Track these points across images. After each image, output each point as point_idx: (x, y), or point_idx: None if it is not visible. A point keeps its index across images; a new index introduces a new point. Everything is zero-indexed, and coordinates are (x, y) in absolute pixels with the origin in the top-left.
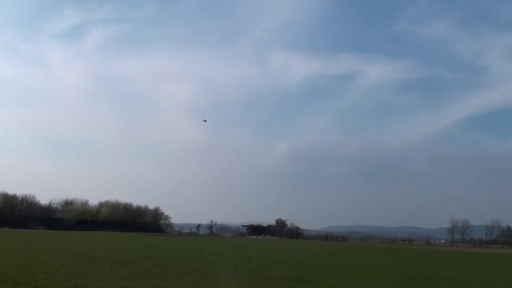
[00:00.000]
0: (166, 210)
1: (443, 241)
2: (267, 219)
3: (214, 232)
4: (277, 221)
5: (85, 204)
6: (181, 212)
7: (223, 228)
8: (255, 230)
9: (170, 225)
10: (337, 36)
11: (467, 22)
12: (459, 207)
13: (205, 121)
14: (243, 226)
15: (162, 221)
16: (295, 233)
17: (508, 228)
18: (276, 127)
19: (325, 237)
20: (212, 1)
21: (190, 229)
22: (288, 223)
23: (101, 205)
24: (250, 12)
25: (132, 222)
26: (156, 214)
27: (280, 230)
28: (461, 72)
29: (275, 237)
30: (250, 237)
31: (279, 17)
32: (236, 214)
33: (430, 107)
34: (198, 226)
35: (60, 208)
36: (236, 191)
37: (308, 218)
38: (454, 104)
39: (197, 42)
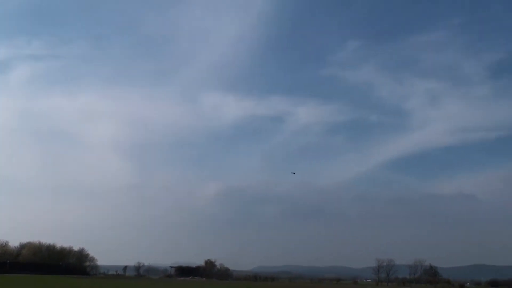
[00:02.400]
0: (91, 251)
1: (370, 280)
2: (197, 260)
3: (141, 274)
4: (206, 262)
5: (4, 245)
6: (108, 253)
7: (151, 270)
8: (184, 271)
9: (96, 267)
10: (269, 78)
11: (391, 68)
12: (385, 246)
13: (294, 173)
14: (171, 267)
15: (87, 263)
16: (224, 274)
17: (431, 267)
18: (207, 166)
19: (254, 278)
20: (145, 39)
21: (117, 271)
22: (218, 263)
23: (22, 246)
24: (182, 51)
25: (55, 265)
26: (81, 256)
27: (209, 271)
28: (386, 115)
29: (204, 279)
30: (179, 278)
31: (212, 57)
32: (164, 255)
33: (358, 149)
34: (125, 267)
35: None
36: (165, 231)
37: (238, 259)
38: (379, 146)
39: (127, 80)
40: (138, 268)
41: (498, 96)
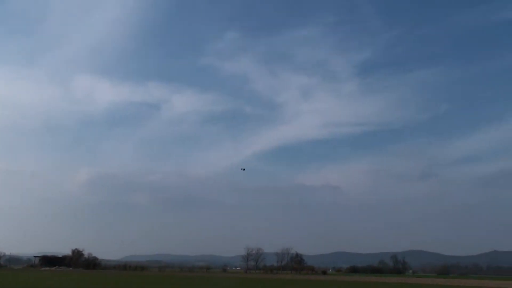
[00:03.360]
0: None
1: (239, 268)
2: (65, 249)
3: (2, 264)
4: (73, 251)
5: None
6: None
7: (13, 260)
8: (49, 261)
9: None
10: (147, 64)
11: (267, 61)
12: (255, 235)
13: (243, 169)
14: (35, 257)
15: None
16: (92, 264)
17: (297, 254)
18: (78, 153)
19: (124, 267)
20: (13, 16)
21: None
22: (85, 253)
23: None
24: (55, 31)
25: None
26: None
27: (76, 260)
28: (261, 107)
29: (71, 268)
30: (43, 268)
31: (87, 39)
32: (28, 243)
33: (233, 139)
34: None
35: None
36: (31, 219)
37: (108, 248)
38: (253, 137)
39: None
40: None
41: (364, 94)
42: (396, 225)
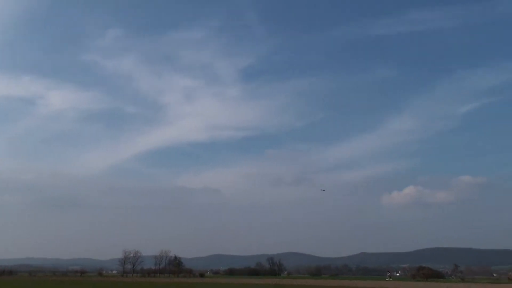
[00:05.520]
0: None
1: (115, 272)
2: None
3: None
4: None
5: None
6: None
7: None
8: None
9: None
10: (22, 56)
11: (151, 62)
12: (133, 238)
13: (323, 190)
14: None
15: None
16: None
17: (175, 257)
18: None
19: None
20: None
21: None
22: None
23: None
24: None
25: None
26: None
27: None
28: (144, 107)
29: None
30: None
31: None
32: None
33: (114, 139)
34: None
35: None
36: None
37: None
38: (135, 138)
39: None
40: None
41: (247, 99)
42: (273, 227)
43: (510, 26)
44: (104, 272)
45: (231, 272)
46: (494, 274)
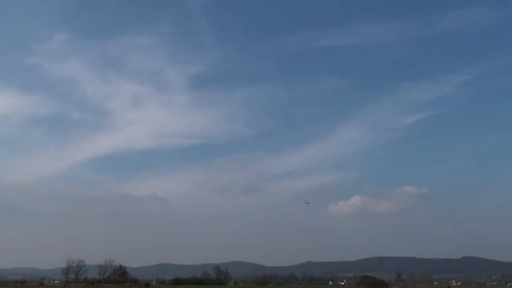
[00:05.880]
0: None
1: (58, 281)
2: None
3: None
4: None
5: None
6: None
7: None
8: None
9: None
10: None
11: (98, 66)
12: (77, 247)
13: (307, 203)
14: None
15: None
16: None
17: (120, 267)
18: None
19: None
20: None
21: None
22: None
23: None
24: None
25: None
26: None
27: None
28: (90, 113)
29: None
30: None
31: None
32: None
33: (58, 145)
34: None
35: None
36: None
37: None
38: (80, 144)
39: None
40: None
41: (196, 107)
42: (220, 236)
43: (452, 41)
44: (46, 282)
45: (177, 282)
46: (435, 283)
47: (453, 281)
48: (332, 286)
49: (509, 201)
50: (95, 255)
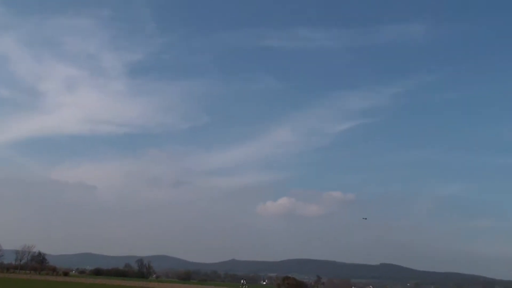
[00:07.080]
0: None
1: None
2: None
3: None
4: None
5: None
6: None
7: None
8: None
9: None
10: None
11: (32, 45)
12: None
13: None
14: None
15: None
16: None
17: (39, 253)
18: None
19: None
20: None
21: None
22: None
23: None
24: None
25: None
26: None
27: None
28: (20, 92)
29: None
30: None
31: None
32: None
33: None
34: None
35: None
36: None
37: None
38: (8, 123)
39: None
40: None
41: (131, 95)
42: (147, 229)
43: (388, 53)
44: None
45: (97, 272)
46: (353, 287)
47: (371, 286)
48: (244, 285)
49: (428, 213)
50: (13, 239)
